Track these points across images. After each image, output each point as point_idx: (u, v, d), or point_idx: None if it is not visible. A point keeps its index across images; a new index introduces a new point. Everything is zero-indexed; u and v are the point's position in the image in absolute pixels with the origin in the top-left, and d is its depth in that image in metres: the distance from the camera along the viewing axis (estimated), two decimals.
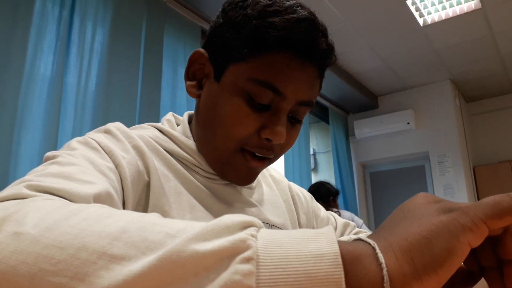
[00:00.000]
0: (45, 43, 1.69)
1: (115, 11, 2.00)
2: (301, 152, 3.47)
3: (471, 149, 4.30)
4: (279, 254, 0.23)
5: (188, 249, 0.23)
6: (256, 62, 0.50)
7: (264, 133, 0.51)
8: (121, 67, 1.97)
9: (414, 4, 2.88)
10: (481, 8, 2.91)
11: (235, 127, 0.51)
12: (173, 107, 2.26)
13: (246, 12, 0.51)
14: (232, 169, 0.55)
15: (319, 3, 2.73)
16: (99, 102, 1.85)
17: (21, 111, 1.56)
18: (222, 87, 0.53)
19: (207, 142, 0.55)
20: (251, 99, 0.51)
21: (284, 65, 0.50)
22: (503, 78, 4.08)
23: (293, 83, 0.51)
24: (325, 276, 0.22)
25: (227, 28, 0.52)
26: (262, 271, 0.22)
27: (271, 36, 0.49)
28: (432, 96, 4.13)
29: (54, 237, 0.25)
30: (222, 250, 0.22)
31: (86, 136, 0.49)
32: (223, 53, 0.53)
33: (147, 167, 0.50)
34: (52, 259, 0.24)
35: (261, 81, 0.50)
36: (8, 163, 1.48)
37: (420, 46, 3.40)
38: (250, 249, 0.22)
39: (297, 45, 0.50)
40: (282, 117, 0.52)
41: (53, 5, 1.75)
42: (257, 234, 0.24)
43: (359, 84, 4.04)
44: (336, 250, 0.23)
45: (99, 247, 0.24)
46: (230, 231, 0.23)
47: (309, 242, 0.23)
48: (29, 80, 1.61)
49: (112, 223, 0.26)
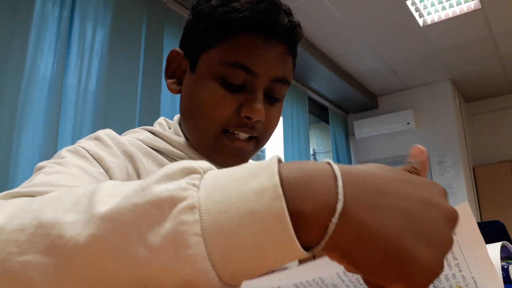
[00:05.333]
0: (45, 43, 1.69)
1: (115, 11, 2.00)
2: (301, 152, 3.48)
3: (470, 149, 4.30)
4: (221, 197, 0.22)
5: (126, 204, 0.23)
6: (225, 46, 0.53)
7: (243, 112, 0.53)
8: (121, 67, 1.97)
9: (414, 4, 2.89)
10: (480, 8, 2.91)
11: (214, 110, 0.53)
12: (173, 107, 2.26)
13: (211, 4, 0.54)
14: (220, 153, 0.56)
15: (319, 3, 2.73)
16: (99, 102, 1.85)
17: (21, 111, 1.56)
18: (197, 76, 0.55)
19: (192, 132, 0.57)
20: (225, 82, 0.53)
21: (251, 44, 0.52)
22: (502, 78, 4.08)
23: (263, 61, 0.53)
24: (267, 210, 0.22)
25: (196, 22, 0.56)
26: (205, 218, 0.22)
27: (235, 19, 0.52)
28: (432, 96, 4.14)
29: (16, 223, 0.26)
30: (160, 199, 0.22)
31: (76, 145, 0.51)
32: (195, 45, 0.56)
33: (137, 171, 0.52)
34: (16, 241, 0.25)
35: (232, 63, 0.52)
36: (8, 164, 1.48)
37: (420, 46, 3.41)
38: (191, 197, 0.22)
39: (260, 24, 0.52)
40: (258, 94, 0.54)
41: (53, 5, 1.75)
42: (200, 182, 0.23)
43: (359, 84, 4.05)
44: (275, 182, 0.22)
45: (52, 220, 0.25)
46: (172, 178, 0.23)
47: (250, 179, 0.23)
48: (29, 80, 1.61)
49: (68, 200, 0.26)
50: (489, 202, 4.06)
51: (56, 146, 1.64)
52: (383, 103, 4.39)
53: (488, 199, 4.08)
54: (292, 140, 3.40)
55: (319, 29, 3.01)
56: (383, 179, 0.25)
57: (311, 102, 3.96)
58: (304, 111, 3.64)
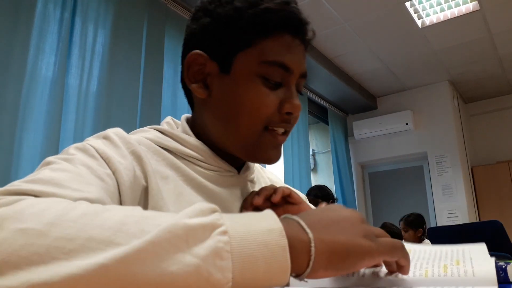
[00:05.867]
0: (47, 45, 1.70)
1: (116, 12, 2.01)
2: (301, 152, 3.49)
3: (469, 149, 4.32)
4: (243, 229, 0.31)
5: (180, 222, 0.30)
6: (263, 46, 0.54)
7: (285, 108, 0.56)
8: (122, 68, 1.98)
9: (412, 6, 2.90)
10: (479, 9, 2.92)
11: (260, 109, 0.55)
12: (174, 108, 2.27)
13: (234, 6, 0.55)
14: (262, 150, 0.58)
15: (318, 4, 2.74)
16: (101, 103, 1.86)
17: (23, 112, 1.57)
18: (234, 77, 0.56)
19: (231, 134, 0.57)
20: (266, 80, 0.55)
21: (286, 43, 0.55)
22: (501, 79, 4.10)
23: (295, 58, 0.56)
24: (276, 243, 0.32)
25: (221, 23, 0.55)
26: (233, 241, 0.30)
27: (271, 20, 0.54)
28: (430, 97, 4.15)
29: (60, 231, 0.29)
30: (206, 223, 0.30)
31: (85, 143, 0.50)
32: (225, 46, 0.56)
33: (144, 172, 0.51)
34: (64, 249, 0.27)
35: (272, 61, 0.54)
36: (10, 164, 1.48)
37: (418, 47, 3.42)
38: (224, 225, 0.31)
39: (292, 23, 0.56)
40: (294, 90, 0.57)
41: (55, 7, 1.76)
42: (223, 216, 0.32)
43: (358, 85, 4.06)
44: (280, 226, 0.33)
45: (105, 238, 0.28)
46: (204, 213, 0.32)
47: (260, 221, 0.33)
48: (31, 81, 1.62)
49: (110, 217, 0.30)
50: (487, 202, 4.08)
51: (57, 147, 1.65)
52: (382, 104, 4.41)
53: (486, 199, 4.10)
54: (292, 140, 3.41)
55: (318, 30, 3.02)
56: (325, 213, 0.40)
57: (311, 103, 3.98)
58: (304, 112, 3.65)
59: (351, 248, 0.36)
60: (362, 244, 0.37)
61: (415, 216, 3.14)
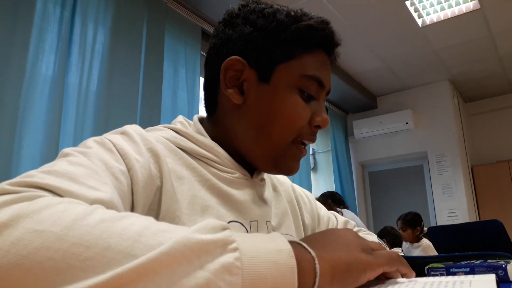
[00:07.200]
0: (47, 43, 1.70)
1: (116, 11, 2.00)
2: None
3: (469, 149, 4.32)
4: (253, 248, 0.32)
5: (194, 236, 0.30)
6: (304, 60, 0.57)
7: (316, 121, 0.58)
8: (122, 67, 1.98)
9: (413, 5, 2.90)
10: (479, 8, 2.92)
11: (296, 120, 0.57)
12: (174, 107, 2.27)
13: (278, 19, 0.57)
14: (286, 161, 0.59)
15: (319, 3, 2.74)
16: (101, 102, 1.86)
17: (23, 111, 1.56)
18: (274, 87, 0.57)
19: (261, 141, 0.58)
20: (302, 93, 0.57)
21: (322, 60, 0.59)
22: (501, 79, 4.10)
23: (328, 75, 0.60)
24: (284, 263, 0.33)
25: (263, 34, 0.57)
26: (244, 258, 0.31)
27: (314, 37, 0.57)
28: (430, 96, 4.15)
29: (78, 236, 0.28)
30: (218, 239, 0.31)
31: (103, 137, 0.50)
32: (267, 57, 0.57)
33: (160, 171, 0.51)
34: (80, 256, 0.27)
35: (311, 76, 0.57)
36: (10, 163, 1.48)
37: (419, 46, 3.42)
38: (235, 242, 0.31)
39: (330, 44, 0.60)
40: (323, 105, 0.61)
41: (55, 6, 1.76)
42: (234, 233, 0.33)
43: (358, 84, 4.06)
44: (289, 247, 0.34)
45: (123, 248, 0.28)
46: (216, 230, 0.32)
47: (269, 242, 0.34)
48: (31, 80, 1.61)
49: (128, 226, 0.30)
50: (487, 201, 4.08)
51: (57, 146, 1.64)
52: (382, 103, 4.41)
53: (486, 198, 4.10)
54: None
55: None
56: (321, 235, 0.43)
57: None
58: None
59: (352, 263, 0.38)
60: (361, 258, 0.40)
61: (412, 215, 3.14)
